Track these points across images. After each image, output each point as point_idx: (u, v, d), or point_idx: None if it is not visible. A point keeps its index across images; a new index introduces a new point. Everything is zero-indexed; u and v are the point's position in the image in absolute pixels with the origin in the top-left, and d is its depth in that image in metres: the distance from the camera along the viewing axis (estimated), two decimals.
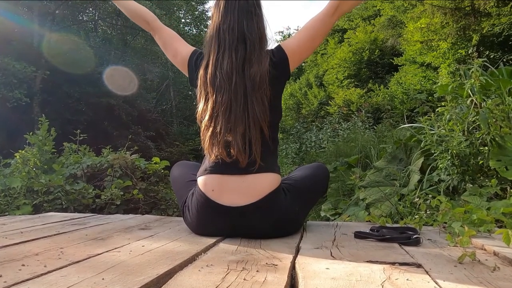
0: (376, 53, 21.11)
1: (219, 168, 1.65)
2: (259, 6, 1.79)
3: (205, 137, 1.66)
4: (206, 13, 25.57)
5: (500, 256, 1.32)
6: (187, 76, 1.87)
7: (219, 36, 1.71)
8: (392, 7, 17.20)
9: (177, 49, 1.89)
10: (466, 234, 1.40)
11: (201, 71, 1.71)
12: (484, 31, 10.77)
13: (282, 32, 33.41)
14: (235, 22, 1.70)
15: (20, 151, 3.99)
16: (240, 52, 1.67)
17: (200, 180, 1.69)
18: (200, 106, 1.70)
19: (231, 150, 1.61)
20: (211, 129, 1.64)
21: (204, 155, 1.76)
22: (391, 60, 18.53)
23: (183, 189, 1.87)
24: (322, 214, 3.72)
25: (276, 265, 1.17)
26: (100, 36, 20.21)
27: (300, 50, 1.78)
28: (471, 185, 2.52)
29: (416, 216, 2.00)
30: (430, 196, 2.44)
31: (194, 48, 1.88)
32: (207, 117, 1.65)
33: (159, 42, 1.96)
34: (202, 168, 1.72)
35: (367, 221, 2.26)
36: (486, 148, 2.64)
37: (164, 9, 20.09)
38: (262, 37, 1.74)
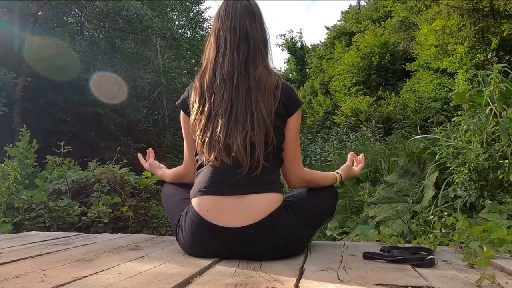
0: (386, 58, 21.22)
1: (214, 188, 1.62)
2: (260, 9, 1.80)
3: (203, 140, 1.62)
4: (202, 15, 25.83)
5: None
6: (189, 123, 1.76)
7: (218, 38, 1.70)
8: (404, 8, 17.32)
9: (191, 138, 1.82)
10: (484, 255, 1.40)
11: (197, 82, 1.71)
12: (504, 34, 10.83)
13: (284, 35, 33.61)
14: (237, 21, 1.69)
15: None
16: (242, 51, 1.66)
17: (194, 201, 1.66)
18: (194, 112, 1.67)
19: (232, 153, 1.57)
20: (209, 131, 1.61)
21: (198, 172, 1.73)
22: (403, 65, 18.63)
23: (176, 208, 1.84)
24: (328, 233, 3.72)
25: None
26: (86, 39, 20.33)
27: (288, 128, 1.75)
28: (490, 202, 2.52)
29: (431, 236, 2.01)
30: (445, 213, 2.44)
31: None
32: (203, 120, 1.63)
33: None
34: (196, 188, 1.68)
35: (377, 241, 2.26)
36: (507, 161, 2.65)
37: (156, 10, 20.24)
38: (265, 40, 1.75)
